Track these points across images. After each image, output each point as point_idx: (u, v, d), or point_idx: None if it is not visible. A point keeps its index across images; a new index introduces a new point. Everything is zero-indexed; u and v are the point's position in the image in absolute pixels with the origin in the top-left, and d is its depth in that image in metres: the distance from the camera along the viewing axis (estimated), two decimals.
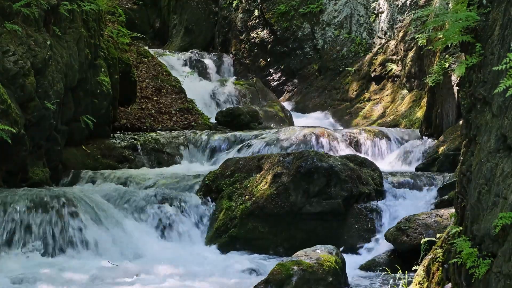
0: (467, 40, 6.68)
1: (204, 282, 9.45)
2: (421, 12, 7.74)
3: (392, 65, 20.64)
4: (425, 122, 16.11)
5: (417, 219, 10.34)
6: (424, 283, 7.77)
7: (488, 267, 5.83)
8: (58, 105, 12.62)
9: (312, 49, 22.98)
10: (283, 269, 8.70)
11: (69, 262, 10.27)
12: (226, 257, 10.94)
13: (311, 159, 11.54)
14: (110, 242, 10.82)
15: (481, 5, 6.63)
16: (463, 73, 6.84)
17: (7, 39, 11.78)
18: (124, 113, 17.02)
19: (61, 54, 12.93)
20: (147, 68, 19.20)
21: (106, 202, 11.61)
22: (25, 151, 11.83)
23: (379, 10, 21.92)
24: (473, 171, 6.39)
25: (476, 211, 6.20)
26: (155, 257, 10.71)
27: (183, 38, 25.33)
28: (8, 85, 11.58)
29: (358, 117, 20.57)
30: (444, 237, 7.57)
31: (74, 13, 13.53)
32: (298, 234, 11.47)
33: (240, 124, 17.85)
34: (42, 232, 10.56)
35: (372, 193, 11.84)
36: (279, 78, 23.43)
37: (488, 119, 6.26)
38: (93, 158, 14.63)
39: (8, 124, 11.07)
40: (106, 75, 14.76)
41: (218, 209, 11.86)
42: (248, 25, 23.98)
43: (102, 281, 9.51)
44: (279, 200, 11.46)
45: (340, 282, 9.00)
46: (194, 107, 18.40)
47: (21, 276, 9.46)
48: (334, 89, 22.23)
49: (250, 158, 12.47)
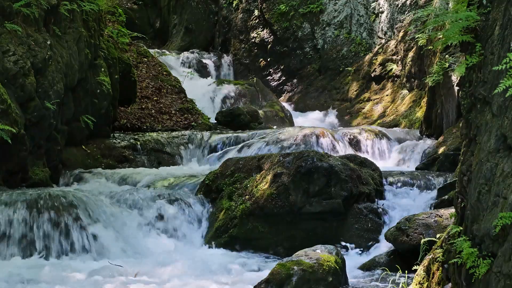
0: (467, 40, 6.68)
1: (204, 282, 9.45)
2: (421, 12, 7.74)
3: (392, 65, 20.64)
4: (425, 122, 16.12)
5: (417, 219, 10.34)
6: (424, 283, 7.77)
7: (488, 267, 5.83)
8: (58, 105, 12.62)
9: (312, 49, 22.99)
10: (283, 269, 8.70)
11: (69, 262, 10.27)
12: (226, 257, 10.93)
13: (311, 159, 11.54)
14: (110, 242, 10.82)
15: (481, 5, 6.63)
16: (463, 73, 6.84)
17: (7, 39, 11.78)
18: (124, 113, 17.02)
19: (61, 54, 12.93)
20: (147, 68, 19.20)
21: (106, 202, 11.61)
22: (25, 151, 11.83)
23: (379, 10, 21.92)
24: (473, 171, 6.40)
25: (476, 211, 6.20)
26: (155, 256, 10.71)
27: (183, 38, 25.33)
28: (8, 85, 11.59)
29: (358, 117, 20.57)
30: (444, 237, 7.57)
31: (74, 13, 13.53)
32: (298, 234, 11.47)
33: (240, 124, 17.86)
34: (42, 232, 10.56)
35: (372, 193, 11.84)
36: (279, 78, 23.43)
37: (488, 119, 6.27)
38: (93, 158, 14.63)
39: (8, 124, 11.07)
40: (106, 75, 14.76)
41: (218, 209, 11.86)
42: (248, 25, 23.98)
43: (102, 281, 9.50)
44: (279, 200, 11.46)
45: (340, 282, 9.00)
46: (194, 107, 18.41)
47: (21, 276, 9.45)
48: (334, 89, 22.24)
49: (250, 158, 12.47)
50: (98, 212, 11.10)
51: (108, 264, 10.06)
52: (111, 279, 9.60)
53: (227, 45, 24.67)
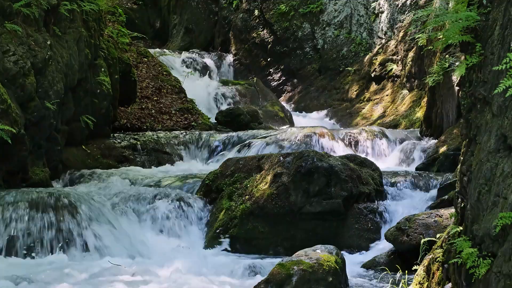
0: (467, 40, 6.68)
1: (204, 282, 9.44)
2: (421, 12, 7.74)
3: (392, 65, 20.64)
4: (425, 122, 16.11)
5: (417, 219, 10.34)
6: (424, 283, 7.77)
7: (488, 267, 5.83)
8: (58, 105, 12.62)
9: (312, 49, 22.98)
10: (283, 269, 8.70)
11: (69, 262, 10.27)
12: (226, 257, 10.93)
13: (311, 159, 11.54)
14: (110, 241, 10.82)
15: (481, 5, 6.63)
16: (463, 73, 6.84)
17: (7, 39, 11.78)
18: (124, 113, 17.02)
19: (61, 54, 12.93)
20: (147, 68, 19.20)
21: (106, 202, 11.62)
22: (25, 151, 11.83)
23: (379, 10, 21.92)
24: (473, 171, 6.39)
25: (476, 211, 6.20)
26: (154, 256, 10.72)
27: (183, 38, 25.34)
28: (8, 85, 11.58)
29: (358, 117, 20.57)
30: (444, 237, 7.57)
31: (74, 13, 13.53)
32: (298, 234, 11.47)
33: (240, 124, 17.85)
34: (42, 232, 10.56)
35: (372, 193, 11.84)
36: (279, 78, 23.43)
37: (488, 119, 6.27)
38: (93, 158, 14.63)
39: (8, 124, 11.07)
40: (106, 75, 14.76)
41: (218, 209, 11.86)
42: (248, 25, 23.98)
43: (102, 281, 9.50)
44: (279, 200, 11.46)
45: (340, 282, 8.99)
46: (194, 107, 18.41)
47: (21, 276, 9.45)
48: (334, 89, 22.24)
49: (250, 158, 12.47)
50: (98, 212, 11.10)
51: (108, 264, 10.07)
52: (111, 278, 9.60)
53: (227, 45, 24.67)
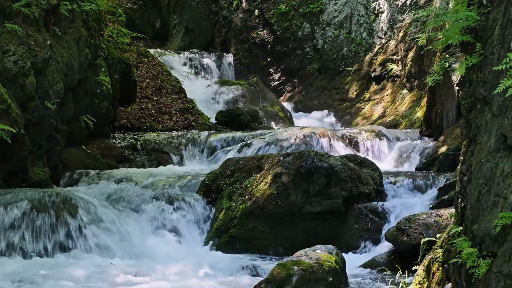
0: (467, 40, 6.68)
1: (204, 282, 9.45)
2: (421, 12, 7.73)
3: (392, 65, 20.64)
4: (425, 122, 16.11)
5: (417, 219, 10.34)
6: (424, 283, 7.77)
7: (488, 267, 5.83)
8: (58, 105, 12.62)
9: (312, 49, 22.98)
10: (283, 269, 8.70)
11: (69, 262, 10.26)
12: (226, 257, 10.93)
13: (311, 159, 11.54)
14: (111, 241, 10.82)
15: (481, 5, 6.63)
16: (463, 73, 6.84)
17: (7, 39, 11.78)
18: (124, 113, 17.02)
19: (61, 54, 12.93)
20: (147, 68, 19.20)
21: (105, 202, 11.62)
22: (25, 151, 11.83)
23: (379, 10, 21.92)
24: (473, 171, 6.39)
25: (476, 211, 6.20)
26: (154, 256, 10.72)
27: (183, 38, 25.33)
28: (8, 85, 11.58)
29: (358, 117, 20.57)
30: (444, 237, 7.57)
31: (74, 13, 13.54)
32: (298, 234, 11.47)
33: (240, 124, 17.85)
34: (42, 232, 10.56)
35: (372, 193, 11.84)
36: (279, 78, 23.43)
37: (488, 119, 6.27)
38: (93, 158, 14.63)
39: (8, 124, 11.07)
40: (106, 75, 14.76)
41: (218, 209, 11.86)
42: (248, 25, 23.98)
43: (102, 281, 9.51)
44: (279, 200, 11.46)
45: (340, 282, 9.00)
46: (194, 107, 18.42)
47: (21, 276, 9.45)
48: (334, 89, 22.23)
49: (250, 158, 12.47)
50: (99, 212, 11.11)
51: (109, 264, 10.07)
52: (112, 278, 9.60)
53: (227, 45, 24.66)
